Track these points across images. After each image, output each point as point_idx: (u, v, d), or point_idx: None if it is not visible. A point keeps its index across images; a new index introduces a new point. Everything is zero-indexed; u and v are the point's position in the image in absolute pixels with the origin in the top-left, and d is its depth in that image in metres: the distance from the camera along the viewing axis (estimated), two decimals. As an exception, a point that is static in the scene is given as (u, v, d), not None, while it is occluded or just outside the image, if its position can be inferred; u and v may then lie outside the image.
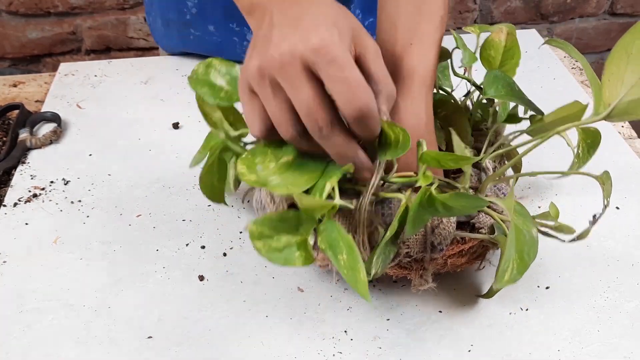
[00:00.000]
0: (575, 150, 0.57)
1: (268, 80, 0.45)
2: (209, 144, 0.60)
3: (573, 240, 0.53)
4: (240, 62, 0.56)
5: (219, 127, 0.57)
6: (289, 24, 0.45)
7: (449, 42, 0.59)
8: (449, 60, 0.62)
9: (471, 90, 0.60)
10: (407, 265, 0.53)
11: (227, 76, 0.56)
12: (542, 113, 0.57)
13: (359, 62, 0.46)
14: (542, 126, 0.56)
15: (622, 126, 0.77)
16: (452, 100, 0.60)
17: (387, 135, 0.48)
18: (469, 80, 0.59)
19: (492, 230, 0.52)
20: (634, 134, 0.76)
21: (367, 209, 0.49)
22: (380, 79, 0.47)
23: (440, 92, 0.61)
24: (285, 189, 0.47)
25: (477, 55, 0.60)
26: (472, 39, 0.62)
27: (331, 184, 0.46)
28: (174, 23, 0.87)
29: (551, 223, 0.52)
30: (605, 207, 0.51)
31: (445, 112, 0.59)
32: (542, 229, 0.53)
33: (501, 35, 0.59)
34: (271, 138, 0.48)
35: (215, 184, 0.56)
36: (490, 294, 0.53)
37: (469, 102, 0.62)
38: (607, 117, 0.46)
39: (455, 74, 0.60)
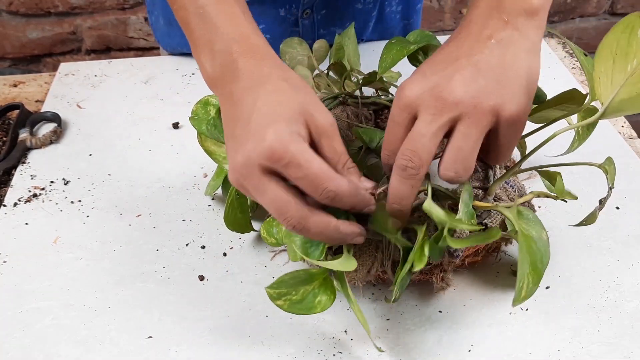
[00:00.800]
0: (575, 130, 0.58)
1: (242, 187, 0.46)
2: (222, 171, 0.61)
3: (581, 223, 0.53)
4: None
5: (227, 162, 0.58)
6: (242, 124, 0.45)
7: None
8: None
9: None
10: (427, 271, 0.54)
11: None
12: (543, 100, 0.56)
13: (313, 143, 0.46)
14: (541, 114, 0.56)
15: (622, 126, 0.77)
16: None
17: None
18: None
19: (503, 225, 0.52)
20: (634, 134, 0.76)
21: (391, 248, 0.51)
22: (336, 162, 0.46)
23: None
24: (294, 256, 0.50)
25: None
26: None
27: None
28: (177, 21, 0.87)
29: (553, 194, 0.52)
30: (610, 189, 0.50)
31: None
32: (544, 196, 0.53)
33: None
34: None
35: (239, 215, 0.58)
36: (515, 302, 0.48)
37: None
38: (602, 116, 0.46)
39: None
